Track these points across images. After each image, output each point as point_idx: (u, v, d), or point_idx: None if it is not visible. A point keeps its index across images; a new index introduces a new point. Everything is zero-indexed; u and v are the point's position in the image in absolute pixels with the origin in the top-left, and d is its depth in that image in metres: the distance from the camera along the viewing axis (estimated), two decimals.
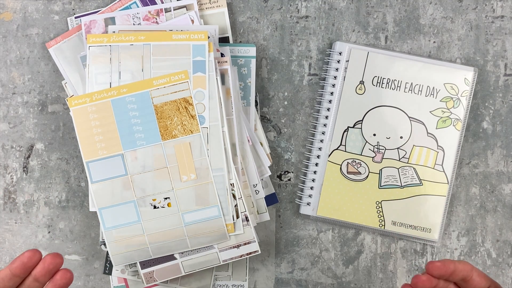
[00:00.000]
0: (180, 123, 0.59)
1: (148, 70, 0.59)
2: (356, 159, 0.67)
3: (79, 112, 0.59)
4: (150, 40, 0.59)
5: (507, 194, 0.69)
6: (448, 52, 0.68)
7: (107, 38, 0.60)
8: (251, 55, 0.64)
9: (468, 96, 0.67)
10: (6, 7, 0.66)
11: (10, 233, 0.66)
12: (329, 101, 0.66)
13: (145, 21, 0.62)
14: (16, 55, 0.66)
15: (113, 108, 0.59)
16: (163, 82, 0.59)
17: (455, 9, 0.68)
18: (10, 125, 0.66)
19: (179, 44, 0.59)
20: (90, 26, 0.62)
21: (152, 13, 0.62)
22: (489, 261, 0.69)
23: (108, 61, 0.59)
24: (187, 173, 0.60)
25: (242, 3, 0.67)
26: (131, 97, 0.59)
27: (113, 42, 0.59)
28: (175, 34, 0.60)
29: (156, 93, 0.59)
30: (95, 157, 0.59)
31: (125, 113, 0.59)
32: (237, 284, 0.67)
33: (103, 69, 0.59)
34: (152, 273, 0.62)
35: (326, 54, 0.68)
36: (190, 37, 0.59)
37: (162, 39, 0.60)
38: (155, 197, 0.60)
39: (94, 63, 0.60)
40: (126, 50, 0.59)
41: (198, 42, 0.59)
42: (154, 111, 0.59)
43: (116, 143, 0.59)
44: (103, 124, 0.59)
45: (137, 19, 0.62)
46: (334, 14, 0.68)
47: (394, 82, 0.66)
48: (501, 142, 0.69)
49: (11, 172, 0.66)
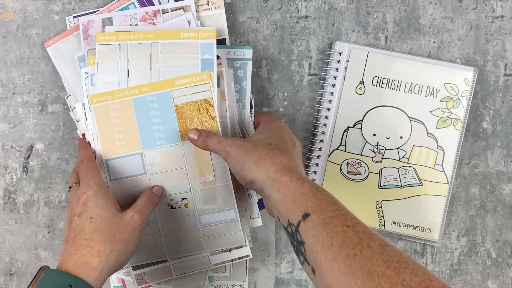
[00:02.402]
0: (201, 124, 0.59)
1: (157, 69, 0.59)
2: (356, 159, 0.67)
3: (101, 109, 0.59)
4: (159, 39, 0.59)
5: (507, 194, 0.69)
6: (448, 52, 0.68)
7: (115, 36, 0.59)
8: (247, 57, 0.63)
9: (468, 96, 0.67)
10: (6, 7, 0.66)
11: (10, 233, 0.66)
12: (329, 101, 0.66)
13: (142, 22, 0.62)
14: (16, 55, 0.66)
15: (134, 107, 0.59)
16: (185, 82, 0.59)
17: (455, 9, 0.68)
18: (10, 125, 0.66)
19: (187, 43, 0.59)
20: (87, 26, 0.61)
21: (149, 14, 0.61)
22: (489, 261, 0.69)
23: (116, 59, 0.59)
24: (205, 175, 0.59)
25: (242, 3, 0.67)
26: (153, 96, 0.59)
27: (122, 41, 0.59)
28: (184, 33, 0.59)
29: (177, 93, 0.59)
30: (115, 155, 0.59)
31: (146, 112, 0.59)
32: (237, 284, 0.67)
33: (112, 68, 0.59)
34: (144, 275, 0.62)
35: (326, 54, 0.68)
36: (198, 35, 0.59)
37: (170, 37, 0.59)
38: (172, 197, 0.60)
39: (103, 62, 0.59)
40: (134, 48, 0.59)
41: (207, 41, 0.59)
42: (175, 111, 0.59)
43: (136, 142, 0.59)
44: (123, 122, 0.59)
45: (134, 19, 0.61)
46: (334, 14, 0.68)
47: (394, 82, 0.66)
48: (501, 142, 0.69)
49: (11, 172, 0.66)
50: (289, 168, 0.50)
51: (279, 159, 0.51)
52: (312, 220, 0.45)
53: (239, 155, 0.52)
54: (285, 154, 0.52)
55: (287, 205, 0.47)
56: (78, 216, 0.52)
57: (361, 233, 0.43)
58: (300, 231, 0.45)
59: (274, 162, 0.50)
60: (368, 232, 0.43)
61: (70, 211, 0.54)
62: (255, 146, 0.52)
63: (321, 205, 0.46)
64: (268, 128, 0.56)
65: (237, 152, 0.52)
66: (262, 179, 0.50)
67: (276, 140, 0.54)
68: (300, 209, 0.46)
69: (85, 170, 0.55)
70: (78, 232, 0.51)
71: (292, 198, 0.47)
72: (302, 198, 0.46)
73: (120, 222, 0.53)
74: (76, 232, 0.51)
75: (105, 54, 0.59)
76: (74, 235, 0.51)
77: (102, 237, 0.51)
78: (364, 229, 0.44)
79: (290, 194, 0.47)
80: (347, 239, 0.43)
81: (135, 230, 0.53)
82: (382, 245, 0.42)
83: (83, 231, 0.51)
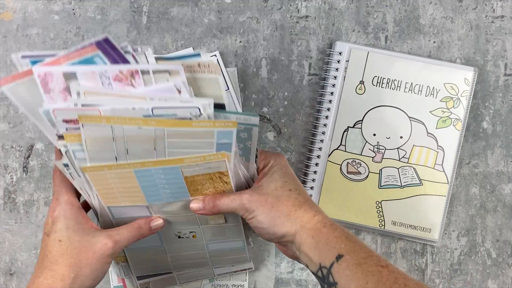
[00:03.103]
0: (213, 187, 0.53)
1: (163, 150, 0.49)
2: (356, 159, 0.67)
3: (96, 176, 0.50)
4: (163, 126, 0.48)
5: (507, 194, 0.69)
6: (448, 52, 0.68)
7: (105, 119, 0.47)
8: (253, 123, 0.53)
9: (468, 96, 0.67)
10: (6, 7, 0.66)
11: (10, 233, 0.66)
12: (329, 101, 0.66)
13: (117, 82, 0.48)
14: None
15: (137, 177, 0.51)
16: (196, 159, 0.50)
17: (455, 9, 0.68)
18: (10, 125, 0.66)
19: (199, 130, 0.49)
20: (46, 79, 0.47)
21: (125, 74, 0.48)
22: (489, 261, 0.69)
23: (110, 140, 0.48)
24: (216, 219, 0.57)
25: (242, 3, 0.67)
26: (158, 170, 0.51)
27: (115, 124, 0.47)
28: (196, 122, 0.48)
29: (187, 168, 0.51)
30: (116, 204, 0.53)
31: (151, 180, 0.51)
32: (237, 284, 0.67)
33: (105, 146, 0.48)
34: (148, 284, 0.63)
35: (326, 54, 0.67)
36: (215, 125, 0.49)
37: (178, 125, 0.48)
38: (180, 230, 0.57)
39: (92, 140, 0.48)
40: (133, 131, 0.48)
41: (225, 129, 0.49)
42: (184, 180, 0.52)
43: (140, 199, 0.53)
44: (125, 186, 0.51)
45: (105, 78, 0.48)
46: (334, 14, 0.68)
47: (394, 82, 0.66)
48: (501, 142, 0.69)
49: (11, 172, 0.66)
50: (319, 212, 0.50)
51: (307, 206, 0.50)
52: (345, 260, 0.45)
53: (265, 211, 0.49)
54: (303, 193, 0.51)
55: (320, 249, 0.47)
56: (47, 236, 0.49)
57: (396, 273, 0.44)
58: (332, 272, 0.46)
59: (305, 210, 0.49)
60: (402, 273, 0.44)
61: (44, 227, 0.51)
62: (278, 198, 0.50)
63: (354, 247, 0.46)
64: (279, 173, 0.53)
65: (261, 208, 0.49)
66: (295, 231, 0.49)
67: (292, 184, 0.52)
68: (333, 251, 0.46)
69: (57, 182, 0.51)
70: (46, 253, 0.49)
71: (326, 242, 0.47)
72: (335, 241, 0.47)
73: (89, 248, 0.49)
74: (45, 254, 0.49)
75: (94, 133, 0.47)
76: (43, 256, 0.49)
77: (67, 261, 0.48)
78: (398, 269, 0.45)
79: (323, 239, 0.47)
80: (383, 278, 0.43)
81: (105, 258, 0.50)
82: (417, 283, 0.43)
83: (50, 253, 0.49)
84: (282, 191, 0.51)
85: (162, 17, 0.67)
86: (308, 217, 0.49)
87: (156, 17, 0.66)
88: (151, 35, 0.66)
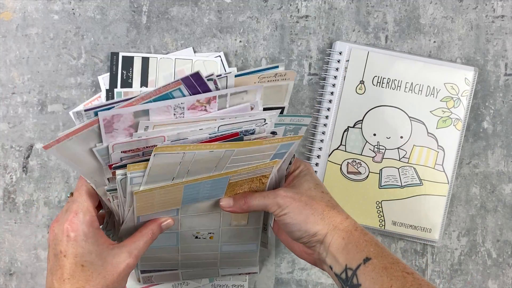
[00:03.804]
0: (249, 187, 0.54)
1: (223, 166, 0.49)
2: (356, 159, 0.66)
3: (143, 197, 0.49)
4: (235, 147, 0.47)
5: (507, 194, 0.69)
6: (449, 52, 0.68)
7: (181, 148, 0.45)
8: (304, 123, 0.52)
9: (469, 96, 0.66)
10: (6, 7, 0.66)
11: (9, 233, 0.66)
12: (329, 101, 0.66)
13: (191, 110, 0.46)
14: (16, 55, 0.66)
15: (184, 189, 0.50)
16: (248, 169, 0.50)
17: (455, 9, 0.68)
18: (9, 125, 0.66)
19: (268, 146, 0.49)
20: (112, 121, 0.44)
21: (202, 102, 0.46)
22: (489, 261, 0.69)
23: (177, 164, 0.46)
24: (239, 220, 0.57)
25: (242, 3, 0.67)
26: (207, 182, 0.50)
27: (189, 150, 0.45)
28: (267, 141, 0.48)
29: (237, 176, 0.51)
30: (149, 212, 0.52)
31: (196, 189, 0.51)
32: (237, 284, 0.67)
33: (167, 170, 0.47)
34: (151, 278, 0.63)
35: (326, 54, 0.67)
36: (282, 140, 0.49)
37: (249, 145, 0.47)
38: (199, 230, 0.58)
39: (156, 167, 0.46)
40: (203, 155, 0.46)
41: (288, 142, 0.49)
42: (227, 185, 0.52)
43: (176, 205, 0.53)
44: (168, 198, 0.51)
45: (179, 109, 0.45)
46: (334, 13, 0.67)
47: (394, 82, 0.66)
48: (502, 142, 0.69)
49: (11, 172, 0.66)
50: (350, 216, 0.51)
51: (339, 208, 0.51)
52: (372, 263, 0.46)
53: (299, 208, 0.50)
54: (333, 198, 0.53)
55: (349, 251, 0.48)
56: (65, 257, 0.47)
57: (421, 280, 0.45)
58: (358, 273, 0.46)
59: (338, 212, 0.50)
60: (427, 281, 0.45)
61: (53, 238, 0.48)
62: (313, 197, 0.51)
63: (382, 252, 0.47)
64: (311, 176, 0.54)
65: (295, 205, 0.50)
66: (327, 230, 0.49)
67: (323, 188, 0.53)
68: (361, 253, 0.47)
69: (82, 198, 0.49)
70: (66, 276, 0.47)
71: (355, 244, 0.48)
72: (365, 245, 0.48)
73: (114, 270, 0.48)
74: (63, 276, 0.47)
75: (163, 163, 0.46)
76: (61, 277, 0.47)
77: (95, 287, 0.48)
78: (422, 278, 0.45)
79: (353, 241, 0.48)
80: (407, 283, 0.44)
81: (128, 274, 0.50)
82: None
83: (73, 278, 0.47)
84: (315, 192, 0.52)
85: (162, 16, 0.66)
86: (341, 218, 0.50)
87: (156, 16, 0.66)
88: (150, 34, 0.66)
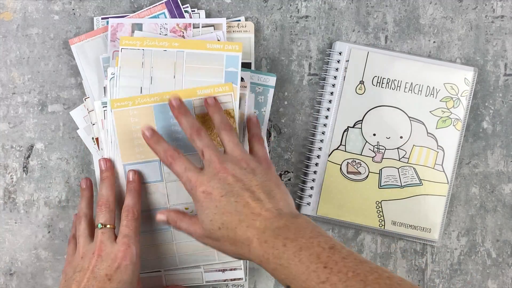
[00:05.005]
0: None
1: (180, 78, 0.58)
2: (356, 159, 0.67)
3: (120, 114, 0.58)
4: (184, 47, 0.59)
5: (507, 194, 0.69)
6: (448, 52, 0.68)
7: (140, 41, 0.58)
8: (270, 84, 0.62)
9: (468, 96, 0.67)
10: (6, 7, 0.66)
11: (10, 233, 0.66)
12: (329, 101, 0.66)
13: (172, 33, 0.61)
14: (16, 55, 0.66)
15: (155, 114, 0.58)
16: (206, 92, 0.58)
17: (455, 9, 0.68)
18: (10, 125, 0.66)
19: (213, 54, 0.59)
20: (116, 29, 0.61)
21: (180, 26, 0.61)
22: (489, 261, 0.69)
23: (140, 65, 0.58)
24: None
25: (242, 3, 0.67)
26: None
27: (146, 47, 0.58)
28: (210, 43, 0.59)
29: (199, 102, 0.58)
30: (133, 160, 0.59)
31: (166, 120, 0.58)
32: (237, 284, 0.67)
33: (134, 73, 0.58)
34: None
35: (326, 54, 0.67)
36: (224, 48, 0.59)
37: (196, 47, 0.59)
38: (188, 206, 0.59)
39: (126, 65, 0.58)
40: (159, 55, 0.58)
41: (232, 53, 0.59)
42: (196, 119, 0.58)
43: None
44: (142, 122, 0.58)
45: (164, 29, 0.61)
46: (334, 14, 0.68)
47: (394, 82, 0.66)
48: (501, 142, 0.69)
49: (11, 172, 0.66)
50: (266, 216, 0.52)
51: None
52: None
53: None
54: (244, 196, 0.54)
55: None
56: (109, 280, 0.52)
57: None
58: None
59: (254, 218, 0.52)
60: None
61: (97, 257, 0.54)
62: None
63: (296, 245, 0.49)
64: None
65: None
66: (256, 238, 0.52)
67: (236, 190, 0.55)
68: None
69: (132, 228, 0.55)
70: None
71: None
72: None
73: None
74: None
75: (129, 58, 0.58)
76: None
77: None
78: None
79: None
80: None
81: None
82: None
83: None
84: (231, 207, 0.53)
85: None
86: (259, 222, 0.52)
87: None
88: None
